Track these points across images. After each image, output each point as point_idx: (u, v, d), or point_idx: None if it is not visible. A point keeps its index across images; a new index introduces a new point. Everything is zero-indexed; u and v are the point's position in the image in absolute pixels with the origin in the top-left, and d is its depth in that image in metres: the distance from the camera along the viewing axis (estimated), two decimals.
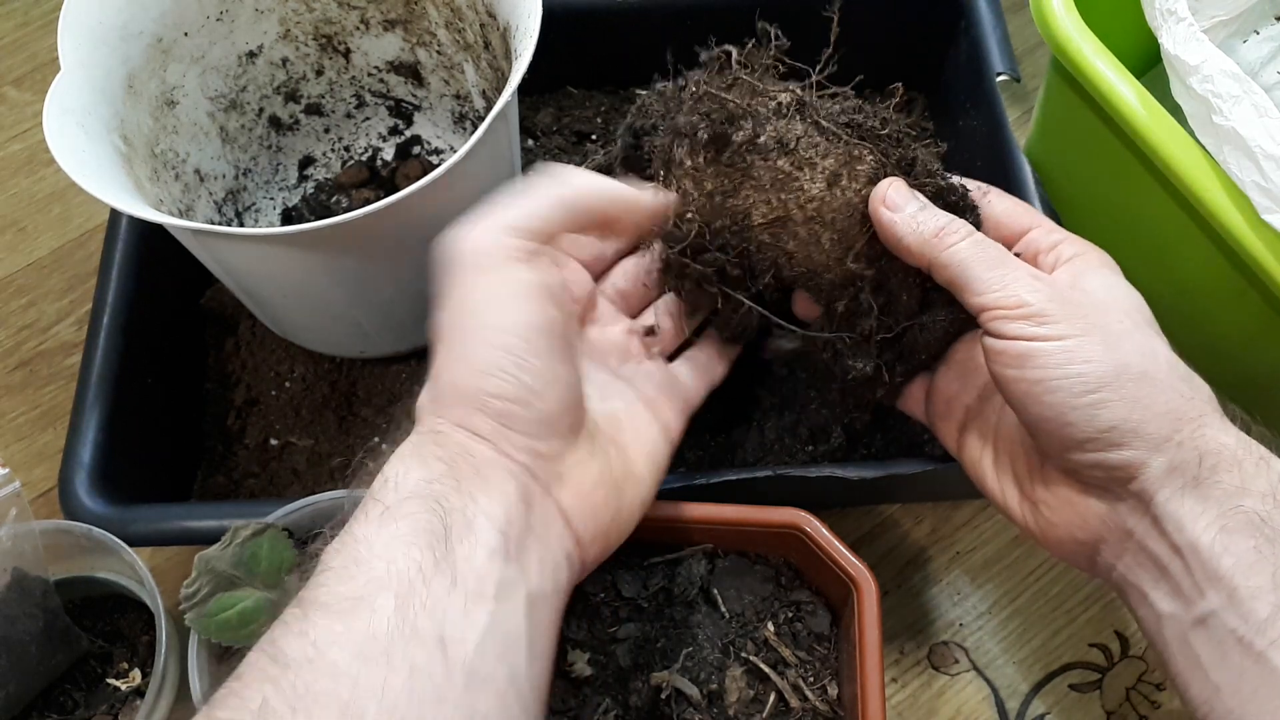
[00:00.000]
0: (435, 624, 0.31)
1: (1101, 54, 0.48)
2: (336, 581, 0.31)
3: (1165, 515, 0.35)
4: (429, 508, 0.33)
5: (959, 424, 0.44)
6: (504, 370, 0.36)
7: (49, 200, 0.72)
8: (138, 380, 0.55)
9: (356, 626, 0.30)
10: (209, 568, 0.45)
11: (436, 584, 0.31)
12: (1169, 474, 0.35)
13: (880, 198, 0.40)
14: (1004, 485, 0.41)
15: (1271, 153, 0.41)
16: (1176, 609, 0.35)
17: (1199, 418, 0.36)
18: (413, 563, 0.32)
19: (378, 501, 0.34)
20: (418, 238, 0.49)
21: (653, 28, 0.65)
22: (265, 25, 0.60)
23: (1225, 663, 0.33)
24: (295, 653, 0.30)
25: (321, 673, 0.29)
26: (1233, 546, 0.34)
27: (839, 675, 0.47)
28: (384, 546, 0.32)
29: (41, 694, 0.50)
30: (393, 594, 0.31)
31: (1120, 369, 0.36)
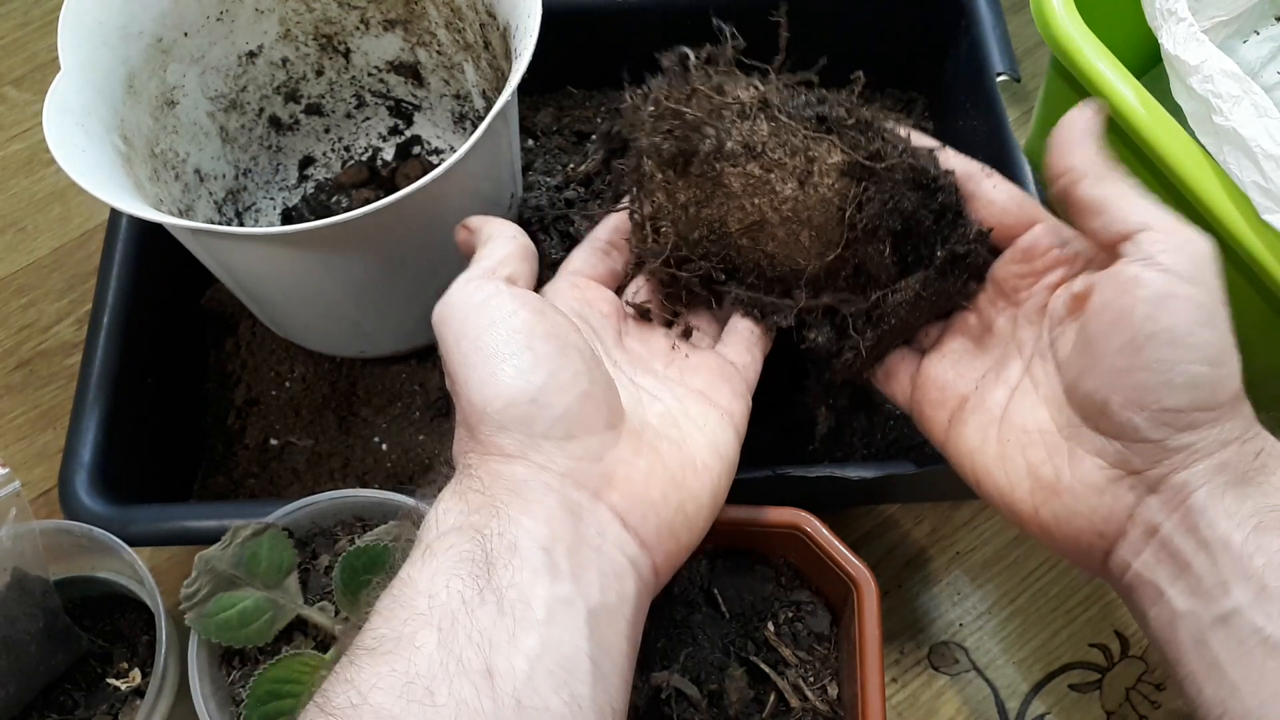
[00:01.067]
0: (481, 655, 0.30)
1: (1101, 54, 0.48)
2: (381, 623, 0.31)
3: (1198, 510, 0.34)
4: (469, 537, 0.32)
5: (951, 412, 0.42)
6: (509, 377, 0.35)
7: (49, 200, 0.72)
8: (138, 380, 0.55)
9: (399, 666, 0.29)
10: (209, 568, 0.45)
11: (481, 614, 0.30)
12: (1218, 470, 0.34)
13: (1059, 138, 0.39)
14: (1011, 475, 0.39)
15: (1271, 153, 0.41)
16: (1195, 606, 0.34)
17: (1253, 417, 0.36)
18: (454, 594, 0.31)
19: (421, 542, 0.33)
20: (418, 238, 0.50)
21: (653, 28, 0.65)
22: (265, 25, 0.60)
23: (1246, 661, 0.33)
24: (340, 699, 0.29)
25: (366, 717, 0.28)
26: (1266, 545, 0.33)
27: (839, 675, 0.47)
28: (426, 582, 0.31)
29: (41, 694, 0.50)
30: (435, 628, 0.30)
31: (1228, 351, 0.35)
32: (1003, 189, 0.42)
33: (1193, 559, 0.34)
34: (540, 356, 0.36)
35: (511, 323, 0.36)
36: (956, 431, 0.42)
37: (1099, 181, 0.37)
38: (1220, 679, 0.33)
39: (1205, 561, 0.34)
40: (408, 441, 0.58)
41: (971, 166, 0.43)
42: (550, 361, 0.36)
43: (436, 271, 0.53)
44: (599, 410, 0.37)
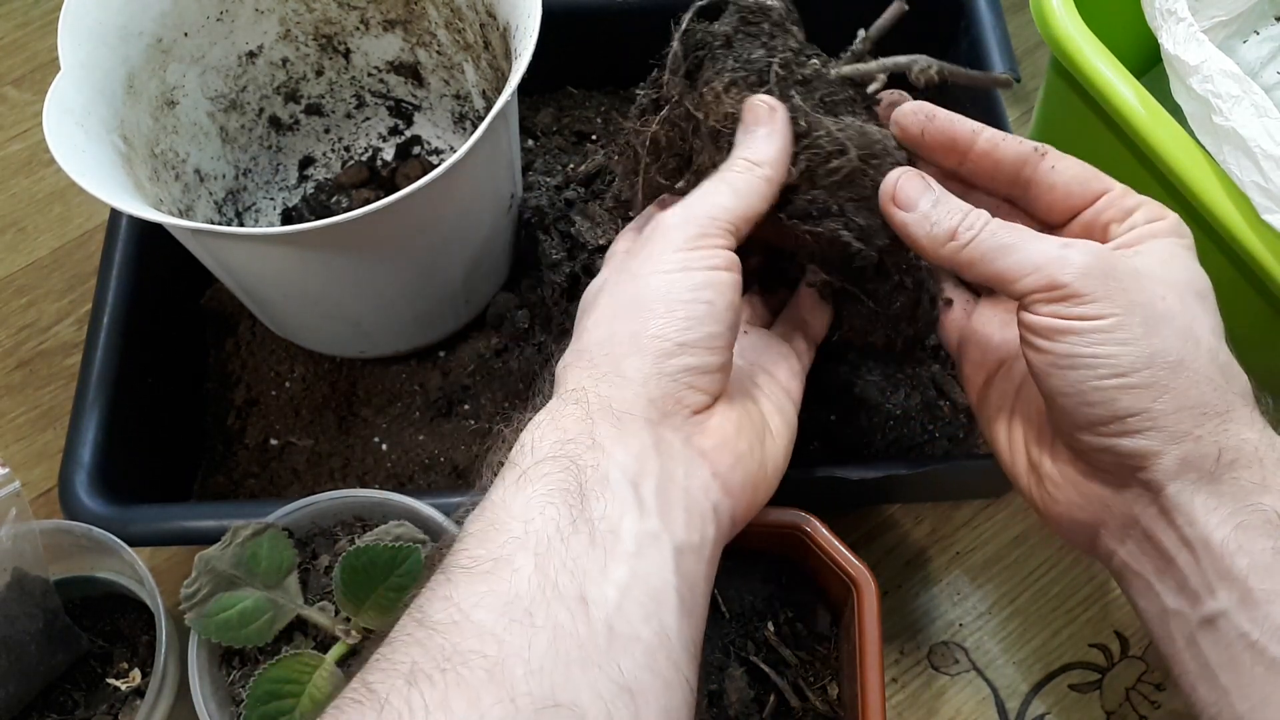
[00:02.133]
0: (576, 583, 0.30)
1: (1101, 54, 0.48)
2: (476, 545, 0.32)
3: (1175, 507, 0.34)
4: (564, 467, 0.33)
5: (988, 374, 0.42)
6: (674, 315, 0.36)
7: (49, 200, 0.72)
8: (138, 380, 0.55)
9: (499, 587, 0.30)
10: (209, 568, 0.45)
11: (575, 542, 0.31)
12: (1182, 467, 0.34)
13: (890, 194, 0.38)
14: (1014, 451, 0.40)
15: (1271, 153, 0.41)
16: (1182, 605, 0.34)
17: (1226, 412, 0.34)
18: (550, 521, 0.31)
19: (515, 466, 0.34)
20: (418, 238, 0.50)
21: (653, 28, 0.65)
22: (265, 25, 0.60)
23: (1235, 666, 0.32)
24: (441, 616, 0.30)
25: (468, 633, 0.29)
26: (1248, 545, 0.32)
27: (839, 675, 0.47)
28: (521, 508, 0.32)
29: (41, 694, 0.50)
30: (532, 553, 0.31)
31: (1154, 355, 0.34)
32: (1063, 167, 0.39)
33: (1176, 555, 0.34)
34: (708, 322, 0.36)
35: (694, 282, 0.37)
36: (986, 395, 0.42)
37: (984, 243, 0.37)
38: (1212, 682, 0.33)
39: (1188, 560, 0.34)
40: (408, 441, 0.58)
41: (1023, 149, 0.40)
42: (713, 328, 0.36)
43: (436, 271, 0.53)
44: (722, 378, 0.37)
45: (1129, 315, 0.34)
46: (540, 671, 0.29)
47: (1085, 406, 0.35)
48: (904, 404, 0.54)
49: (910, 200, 0.38)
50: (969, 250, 0.36)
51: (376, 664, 0.29)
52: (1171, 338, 0.34)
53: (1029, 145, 0.40)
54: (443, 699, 0.28)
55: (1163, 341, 0.34)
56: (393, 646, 0.30)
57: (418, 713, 0.27)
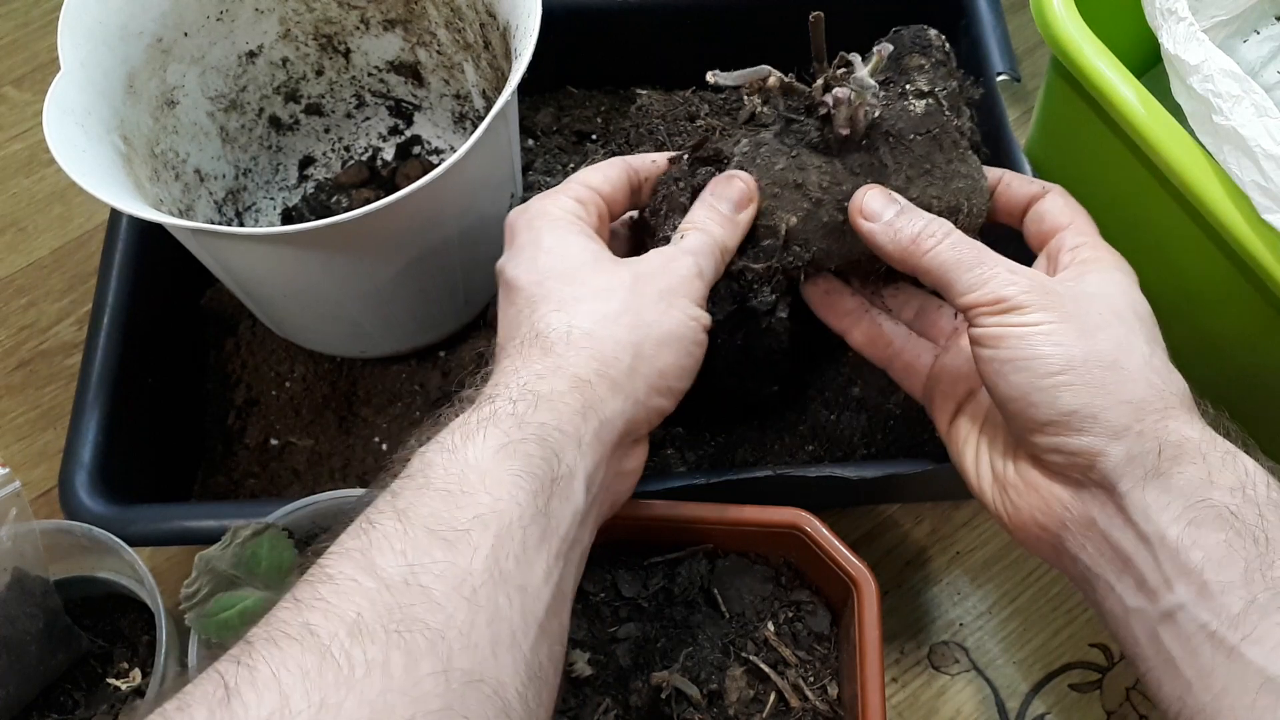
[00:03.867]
0: (521, 574, 0.33)
1: (1101, 54, 0.48)
2: (442, 504, 0.33)
3: (1130, 505, 0.35)
4: (545, 455, 0.35)
5: (956, 404, 0.44)
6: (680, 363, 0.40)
7: (49, 200, 0.72)
8: (138, 380, 0.55)
9: (456, 560, 0.31)
10: (209, 568, 0.45)
11: (531, 534, 0.33)
12: (1128, 463, 0.35)
13: (858, 207, 0.42)
14: (980, 468, 0.42)
15: (1271, 153, 0.41)
16: (1143, 603, 0.35)
17: (1164, 410, 0.36)
18: (515, 506, 0.33)
19: (498, 427, 0.35)
20: (418, 238, 0.50)
21: (653, 28, 0.65)
22: (265, 25, 0.60)
23: (1196, 658, 0.33)
24: (392, 570, 0.31)
25: (417, 598, 0.30)
26: (1202, 540, 0.34)
27: (839, 675, 0.47)
28: (494, 482, 0.34)
29: (41, 694, 0.50)
30: (492, 535, 0.32)
31: (1088, 355, 0.36)
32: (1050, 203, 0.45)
33: (1133, 553, 0.35)
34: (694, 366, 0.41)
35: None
36: (956, 423, 0.44)
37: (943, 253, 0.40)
38: (1175, 676, 0.34)
39: (1146, 557, 0.35)
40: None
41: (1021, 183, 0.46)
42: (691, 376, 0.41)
43: (436, 271, 0.53)
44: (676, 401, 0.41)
45: (1064, 322, 0.37)
46: (475, 648, 0.30)
47: (1031, 408, 0.37)
48: (904, 404, 0.54)
49: (875, 212, 0.41)
50: (929, 256, 0.40)
51: (316, 603, 0.30)
52: (1105, 342, 0.37)
53: (1034, 182, 0.45)
54: (384, 659, 0.29)
55: (1097, 344, 0.37)
56: (337, 589, 0.30)
57: (357, 667, 0.29)
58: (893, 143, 0.43)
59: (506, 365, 0.38)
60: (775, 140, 0.44)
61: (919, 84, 0.44)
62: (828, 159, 0.43)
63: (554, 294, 0.40)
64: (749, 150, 0.44)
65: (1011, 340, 0.37)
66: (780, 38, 0.65)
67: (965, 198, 0.44)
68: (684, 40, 0.65)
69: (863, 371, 0.54)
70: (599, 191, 0.44)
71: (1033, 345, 0.37)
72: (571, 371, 0.37)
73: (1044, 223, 0.44)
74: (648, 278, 0.40)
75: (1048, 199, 0.45)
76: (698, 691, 0.45)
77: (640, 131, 0.65)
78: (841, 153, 0.43)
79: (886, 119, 0.43)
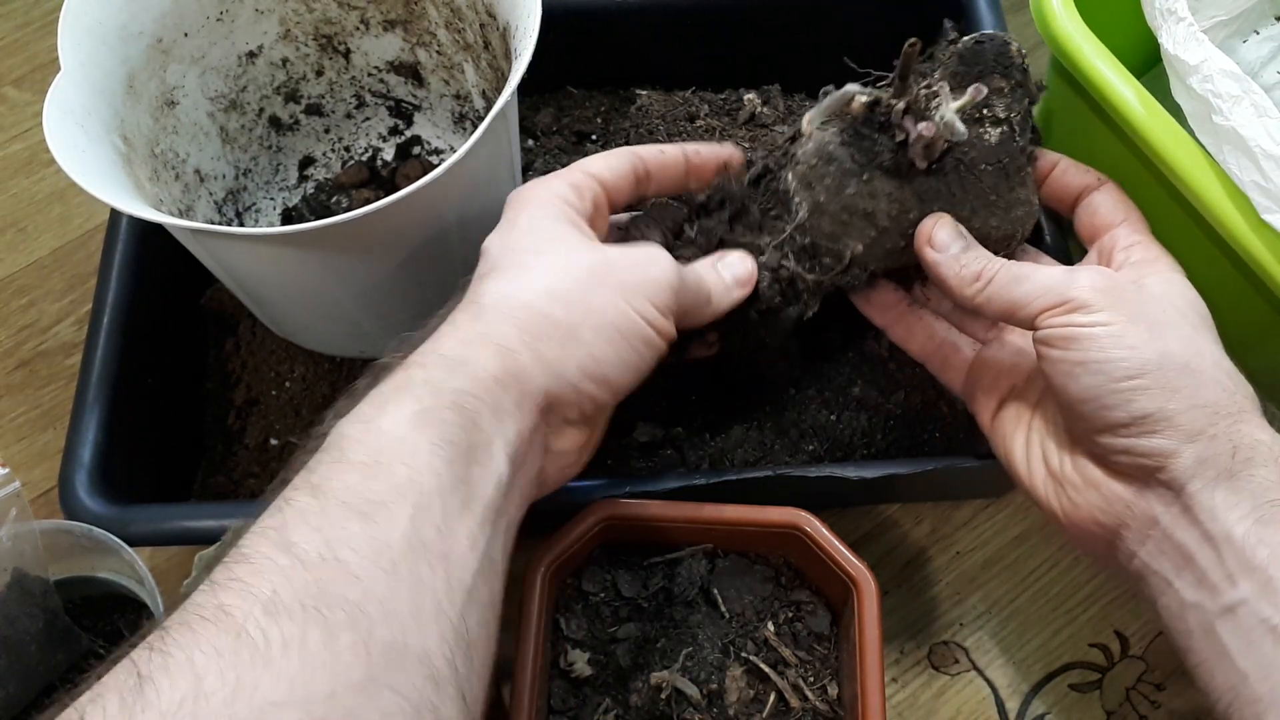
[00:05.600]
0: (443, 542, 0.32)
1: (1101, 54, 0.48)
2: (358, 477, 0.32)
3: (1198, 505, 0.35)
4: (463, 424, 0.34)
5: (1000, 398, 0.44)
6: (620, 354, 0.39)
7: (49, 200, 0.72)
8: (138, 380, 0.55)
9: (374, 534, 0.31)
10: (209, 568, 0.45)
11: (451, 502, 0.33)
12: (1200, 465, 0.35)
13: (926, 236, 0.42)
14: (1032, 463, 0.41)
15: (1271, 153, 0.41)
16: (1202, 598, 0.35)
17: (1238, 413, 0.36)
18: (434, 475, 0.33)
19: (414, 391, 0.35)
20: (418, 238, 0.50)
21: (653, 28, 0.65)
22: (265, 25, 0.60)
23: (1253, 650, 0.34)
24: (309, 547, 0.30)
25: (335, 573, 0.30)
26: (1268, 538, 0.34)
27: (839, 675, 0.47)
28: (410, 452, 0.33)
29: (41, 694, 0.50)
30: (410, 505, 0.32)
31: (1163, 357, 0.36)
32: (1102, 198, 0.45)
33: (1196, 552, 0.35)
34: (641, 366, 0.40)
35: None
36: (1000, 417, 0.44)
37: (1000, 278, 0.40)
38: (1230, 667, 0.34)
39: (1210, 554, 0.35)
40: None
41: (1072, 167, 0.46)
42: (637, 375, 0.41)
43: (436, 271, 0.53)
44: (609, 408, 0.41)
45: (1134, 323, 0.37)
46: (396, 618, 0.30)
47: (1103, 410, 0.37)
48: (904, 404, 0.54)
49: (944, 243, 0.41)
50: (987, 294, 0.40)
51: (230, 583, 0.30)
52: (1176, 343, 0.37)
53: (1088, 171, 0.45)
54: (301, 635, 0.28)
55: (1168, 345, 0.37)
56: (253, 567, 0.30)
57: (274, 645, 0.28)
58: (963, 172, 0.42)
59: (433, 335, 0.38)
60: (846, 155, 0.42)
61: (996, 110, 0.42)
62: (898, 184, 0.42)
63: (510, 266, 0.40)
64: (818, 164, 0.43)
65: (1083, 342, 0.37)
66: (780, 38, 0.65)
67: (1021, 225, 0.44)
68: (684, 40, 0.65)
69: (863, 371, 0.54)
70: (599, 179, 0.44)
71: (1105, 348, 0.37)
72: (496, 340, 0.37)
73: (1096, 216, 0.44)
74: (613, 267, 0.40)
75: (1101, 191, 0.44)
76: (698, 691, 0.45)
77: (640, 131, 0.65)
78: (913, 176, 0.42)
79: (961, 146, 0.42)
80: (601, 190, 0.44)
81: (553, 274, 0.39)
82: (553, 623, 0.47)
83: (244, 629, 0.28)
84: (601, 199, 0.44)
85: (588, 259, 0.40)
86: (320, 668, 0.28)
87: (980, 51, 0.42)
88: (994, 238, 0.43)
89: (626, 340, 0.39)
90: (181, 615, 0.29)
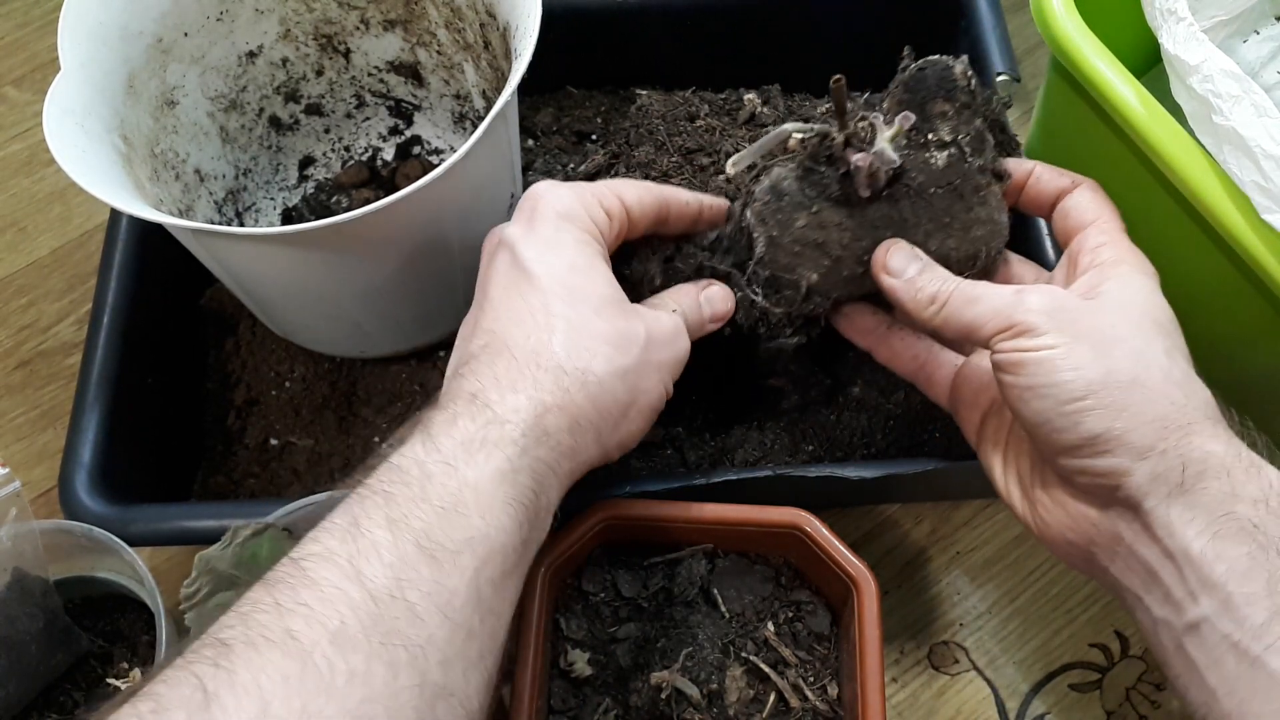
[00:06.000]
0: (495, 598, 0.35)
1: (1101, 54, 0.48)
2: (435, 520, 0.34)
3: (1155, 522, 0.35)
4: (534, 488, 0.37)
5: (982, 413, 0.44)
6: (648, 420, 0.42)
7: (49, 200, 0.72)
8: (138, 380, 0.55)
9: (442, 579, 0.33)
10: (209, 568, 0.45)
11: (509, 561, 0.35)
12: (1153, 481, 0.35)
13: (881, 263, 0.42)
14: (1009, 481, 0.42)
15: (1271, 153, 0.41)
16: (1169, 614, 0.36)
17: (1187, 425, 0.36)
18: (502, 531, 0.35)
19: (502, 452, 0.36)
20: (418, 238, 0.50)
21: (653, 28, 0.65)
22: (265, 25, 0.60)
23: (1220, 667, 0.34)
24: (379, 584, 0.32)
25: (402, 613, 0.31)
26: (1225, 553, 0.34)
27: (839, 675, 0.47)
28: (487, 506, 0.35)
29: (41, 694, 0.50)
30: (478, 558, 0.34)
31: (1106, 376, 0.36)
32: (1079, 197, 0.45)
33: (1159, 569, 0.36)
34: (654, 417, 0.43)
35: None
36: (984, 433, 0.44)
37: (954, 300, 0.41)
38: (1200, 683, 0.35)
39: (1172, 571, 0.35)
40: None
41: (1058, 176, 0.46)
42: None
43: (436, 271, 0.53)
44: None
45: (1077, 343, 0.37)
46: (449, 665, 0.32)
47: (1055, 433, 0.37)
48: (904, 404, 0.54)
49: (898, 269, 0.42)
50: (944, 314, 0.40)
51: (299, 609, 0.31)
52: (1122, 359, 0.37)
53: (1069, 174, 0.45)
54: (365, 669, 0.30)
55: (1113, 363, 0.36)
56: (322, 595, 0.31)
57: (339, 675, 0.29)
58: (914, 197, 0.42)
59: (519, 378, 0.38)
60: (796, 189, 0.43)
61: (941, 133, 0.43)
62: (848, 213, 0.43)
63: (574, 319, 0.40)
64: (770, 200, 0.44)
65: (1030, 366, 0.37)
66: (780, 38, 0.65)
67: (984, 244, 0.43)
68: (684, 40, 0.65)
69: (863, 371, 0.54)
70: (630, 212, 0.44)
71: (1048, 372, 0.37)
72: (574, 413, 0.38)
73: (1069, 219, 0.44)
74: (658, 344, 0.41)
75: (1076, 193, 0.44)
76: (698, 691, 0.45)
77: (640, 131, 0.65)
78: (862, 204, 0.42)
79: (909, 170, 0.42)
80: (626, 226, 0.44)
81: (619, 348, 0.40)
82: (553, 623, 0.47)
83: (310, 657, 0.29)
84: (623, 233, 0.44)
85: (639, 329, 0.41)
86: (380, 703, 0.30)
87: (922, 78, 0.43)
88: (955, 259, 0.43)
89: (654, 413, 0.42)
90: (245, 633, 0.30)
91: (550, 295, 0.40)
